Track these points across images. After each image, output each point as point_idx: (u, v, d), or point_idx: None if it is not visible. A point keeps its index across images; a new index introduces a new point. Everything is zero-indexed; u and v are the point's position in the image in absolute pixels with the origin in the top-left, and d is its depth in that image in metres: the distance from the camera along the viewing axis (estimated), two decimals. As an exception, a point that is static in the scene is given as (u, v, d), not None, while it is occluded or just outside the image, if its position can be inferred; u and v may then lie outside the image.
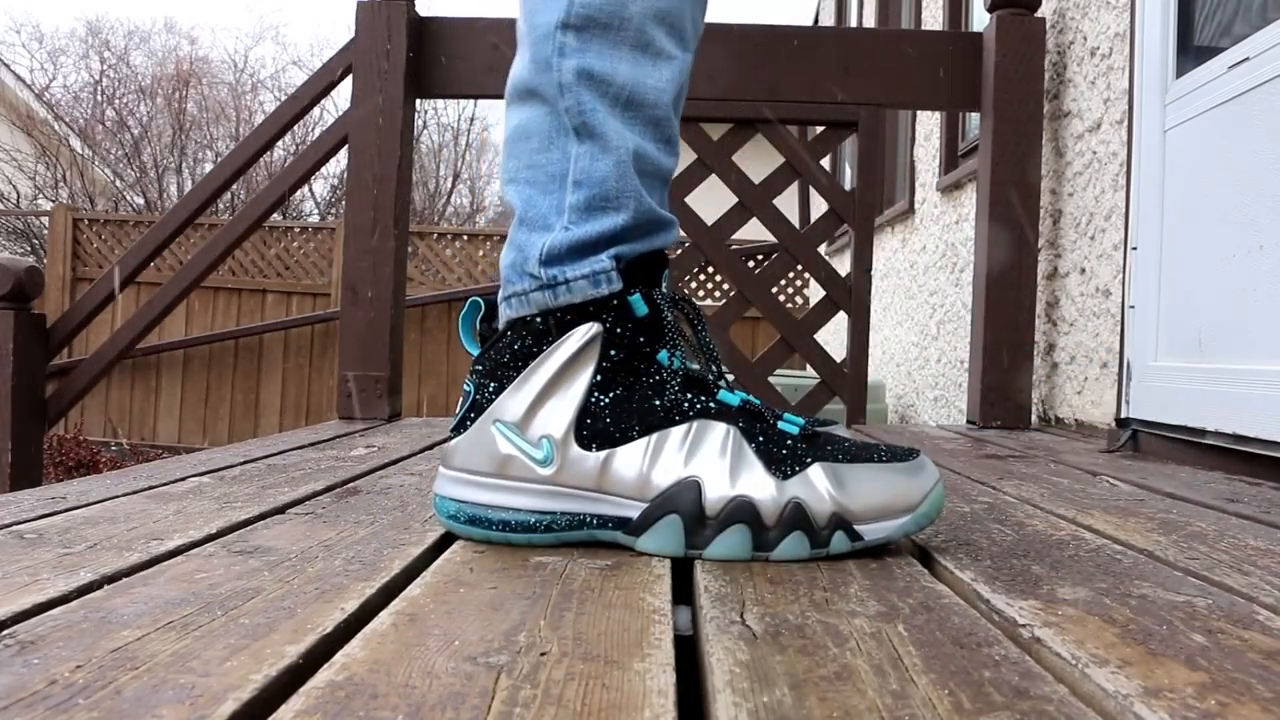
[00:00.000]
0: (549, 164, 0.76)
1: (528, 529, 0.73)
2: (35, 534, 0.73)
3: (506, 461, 0.74)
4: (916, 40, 2.37)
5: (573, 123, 0.75)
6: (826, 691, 0.43)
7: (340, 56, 2.14)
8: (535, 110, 0.77)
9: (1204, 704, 0.43)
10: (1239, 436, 1.32)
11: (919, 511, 0.72)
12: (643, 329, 0.74)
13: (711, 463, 0.71)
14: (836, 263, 4.88)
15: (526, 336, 0.75)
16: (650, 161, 0.77)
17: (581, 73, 0.74)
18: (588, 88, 0.74)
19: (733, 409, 0.74)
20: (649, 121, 0.76)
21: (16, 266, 2.05)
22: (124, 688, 0.42)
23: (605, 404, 0.73)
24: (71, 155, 9.61)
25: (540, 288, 0.74)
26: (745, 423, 0.73)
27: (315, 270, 6.34)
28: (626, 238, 0.75)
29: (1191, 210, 1.51)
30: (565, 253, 0.74)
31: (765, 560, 0.69)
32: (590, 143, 0.75)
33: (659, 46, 0.76)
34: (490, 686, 0.43)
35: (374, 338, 2.04)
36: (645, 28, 0.75)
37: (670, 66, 0.77)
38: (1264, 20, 1.38)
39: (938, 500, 0.73)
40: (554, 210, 0.76)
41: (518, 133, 0.78)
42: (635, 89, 0.75)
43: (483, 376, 0.75)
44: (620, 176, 0.75)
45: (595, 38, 0.74)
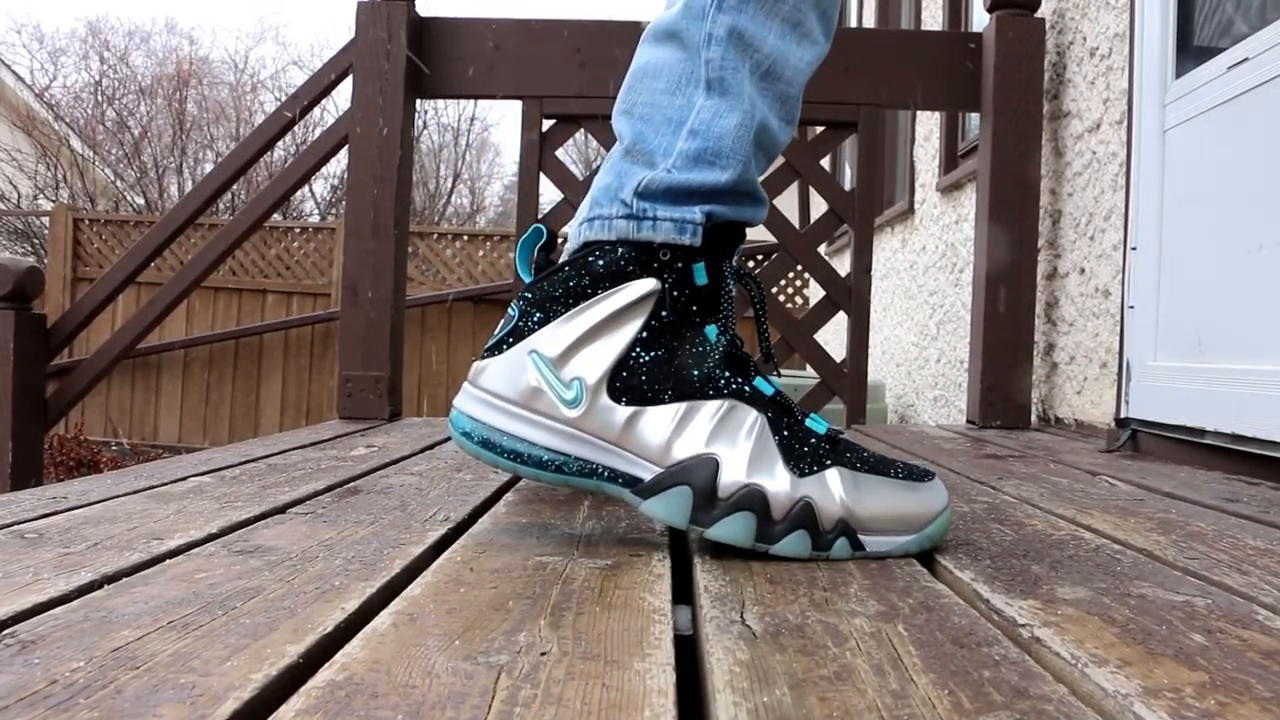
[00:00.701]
0: (670, 107, 0.76)
1: (538, 464, 0.73)
2: (36, 533, 0.73)
3: (534, 394, 0.74)
4: (916, 40, 2.37)
5: (709, 75, 0.75)
6: (826, 691, 0.43)
7: (340, 57, 2.14)
8: (672, 53, 0.77)
9: (1203, 703, 0.43)
10: (1238, 436, 1.32)
11: (924, 533, 0.73)
12: (699, 298, 0.74)
13: (734, 445, 0.71)
14: (836, 263, 4.88)
15: (584, 275, 0.74)
16: (770, 135, 0.78)
17: (734, 30, 0.75)
18: (735, 46, 0.75)
19: (766, 398, 0.74)
20: (779, 97, 0.78)
21: (17, 267, 2.05)
22: (125, 687, 0.42)
23: (644, 362, 0.73)
24: (72, 155, 9.61)
25: (627, 216, 0.74)
26: (774, 414, 0.73)
27: (315, 270, 6.34)
28: (723, 198, 0.75)
29: (1191, 211, 1.51)
30: (661, 192, 0.74)
31: (765, 553, 0.70)
32: (720, 99, 0.75)
33: (809, 27, 0.78)
34: (490, 686, 0.43)
35: (374, 338, 2.04)
36: (801, 6, 0.77)
37: (813, 50, 0.79)
38: (1263, 21, 1.38)
39: (944, 524, 0.74)
40: (662, 151, 0.76)
41: (646, 69, 0.79)
42: (778, 61, 0.76)
43: (530, 304, 0.75)
44: (738, 138, 0.75)
45: (754, 1, 0.75)
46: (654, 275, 0.73)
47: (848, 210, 2.20)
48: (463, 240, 6.46)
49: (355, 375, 2.04)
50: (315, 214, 11.26)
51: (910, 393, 3.65)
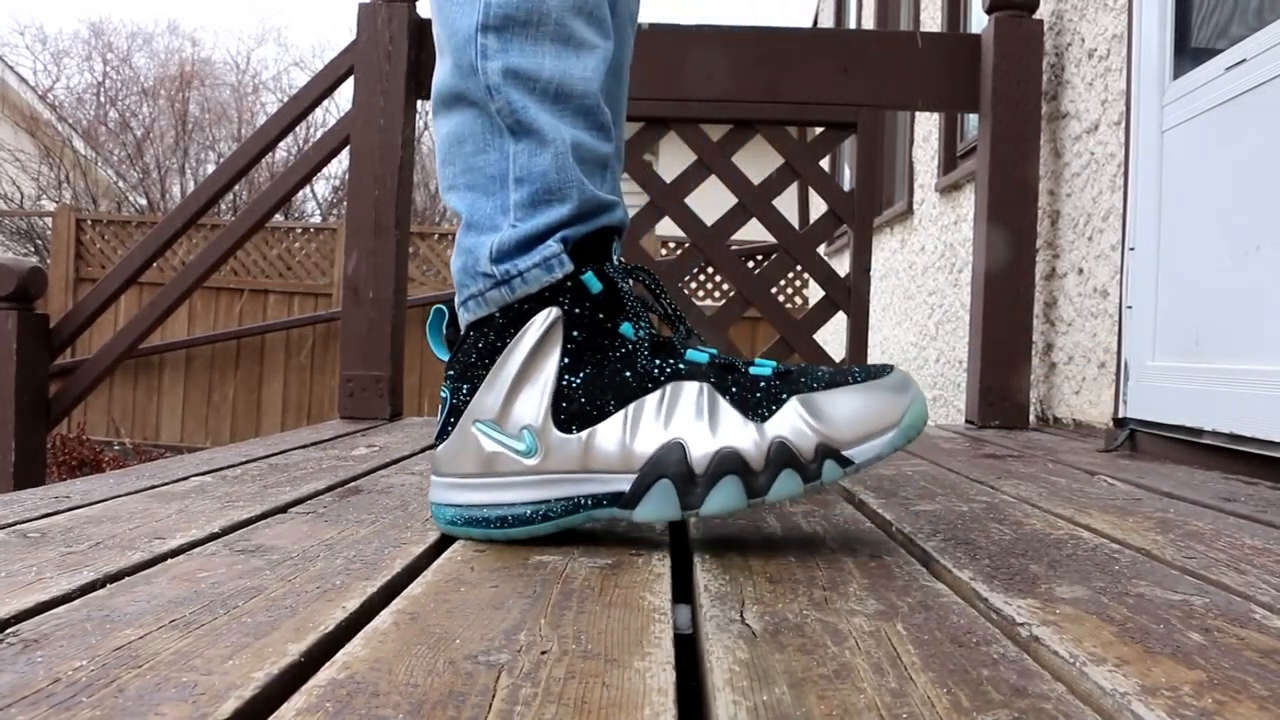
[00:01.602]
0: (487, 165, 0.77)
1: (525, 521, 0.74)
2: (39, 533, 0.73)
3: (492, 459, 0.74)
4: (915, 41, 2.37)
5: (506, 122, 0.76)
6: (825, 690, 0.44)
7: (342, 58, 2.14)
8: (465, 114, 0.78)
9: (1201, 702, 0.43)
10: (1236, 436, 1.32)
11: (903, 424, 0.71)
12: (601, 305, 0.75)
13: (690, 422, 0.72)
14: (836, 263, 4.88)
15: (489, 333, 0.75)
16: (587, 150, 0.78)
17: (507, 72, 0.75)
18: (515, 86, 0.75)
19: (702, 365, 0.74)
20: (580, 111, 0.77)
21: (20, 267, 2.06)
22: (126, 686, 0.42)
23: (578, 384, 0.74)
24: (75, 156, 9.62)
25: (495, 285, 0.75)
26: (716, 376, 0.74)
27: (317, 270, 6.34)
28: (573, 223, 0.76)
29: (1189, 211, 1.51)
30: (514, 248, 0.75)
31: (762, 504, 0.70)
32: (527, 139, 0.75)
33: (581, 37, 0.77)
34: (491, 685, 0.43)
35: (375, 338, 2.05)
36: (565, 20, 0.76)
37: (594, 55, 0.78)
38: (1261, 22, 1.38)
39: (920, 411, 0.73)
40: (499, 210, 0.77)
41: (451, 139, 0.79)
42: (563, 81, 0.76)
43: (456, 380, 0.76)
44: (560, 168, 0.76)
45: (516, 36, 0.75)
46: (550, 303, 0.74)
47: (847, 210, 2.20)
48: (463, 241, 6.45)
49: (356, 375, 2.04)
50: (316, 214, 11.27)
51: (910, 393, 3.65)
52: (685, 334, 0.79)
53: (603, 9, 0.78)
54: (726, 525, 0.82)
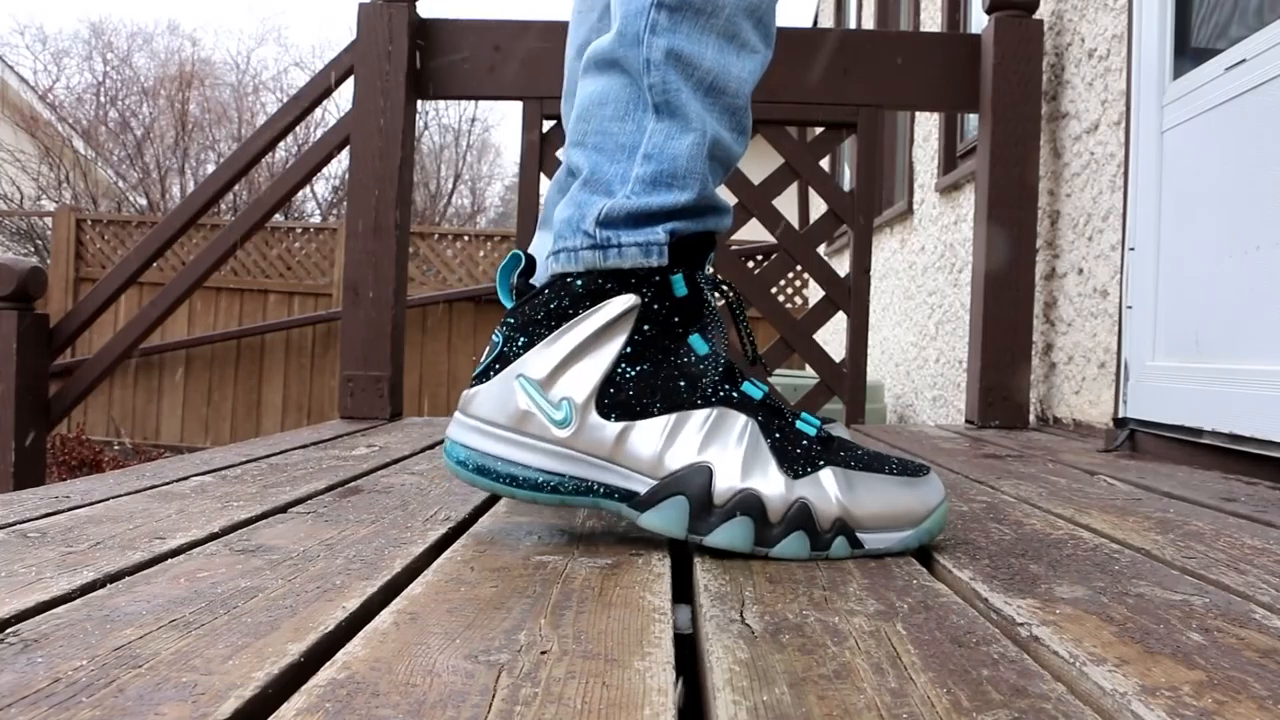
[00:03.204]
0: (621, 134, 0.77)
1: (534, 487, 0.74)
2: (39, 533, 0.73)
3: (524, 417, 0.74)
4: (915, 41, 2.37)
5: (655, 99, 0.76)
6: (825, 690, 0.44)
7: (342, 58, 2.14)
8: (615, 80, 0.78)
9: (1201, 702, 0.43)
10: (1236, 436, 1.32)
11: (921, 528, 0.73)
12: (679, 309, 0.75)
13: (726, 452, 0.72)
14: (836, 263, 4.88)
15: (564, 297, 0.75)
16: (724, 148, 0.79)
17: (670, 52, 0.75)
18: (674, 67, 0.75)
19: (755, 402, 0.74)
20: (728, 109, 0.78)
21: (20, 267, 2.06)
22: (126, 686, 0.42)
23: (631, 376, 0.74)
24: (75, 156, 9.62)
25: (592, 246, 0.75)
26: (764, 417, 0.74)
27: (317, 270, 6.34)
28: (685, 216, 0.76)
29: (1188, 211, 1.51)
30: (623, 219, 0.75)
31: (765, 557, 0.70)
32: (670, 121, 0.76)
33: (745, 38, 0.78)
34: (491, 685, 0.43)
35: (375, 338, 2.05)
36: (735, 18, 0.77)
37: (754, 60, 0.79)
38: (1261, 22, 1.38)
39: (941, 518, 0.74)
40: (619, 178, 0.77)
41: (594, 98, 0.79)
42: (720, 76, 0.77)
43: (513, 329, 0.76)
44: (692, 158, 0.76)
45: (687, 20, 0.75)
46: (633, 291, 0.74)
47: (847, 211, 2.20)
48: (463, 240, 6.46)
49: (356, 375, 2.04)
50: (316, 214, 11.27)
51: (909, 393, 3.65)
52: (750, 361, 0.79)
53: (771, 15, 0.79)
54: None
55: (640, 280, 0.74)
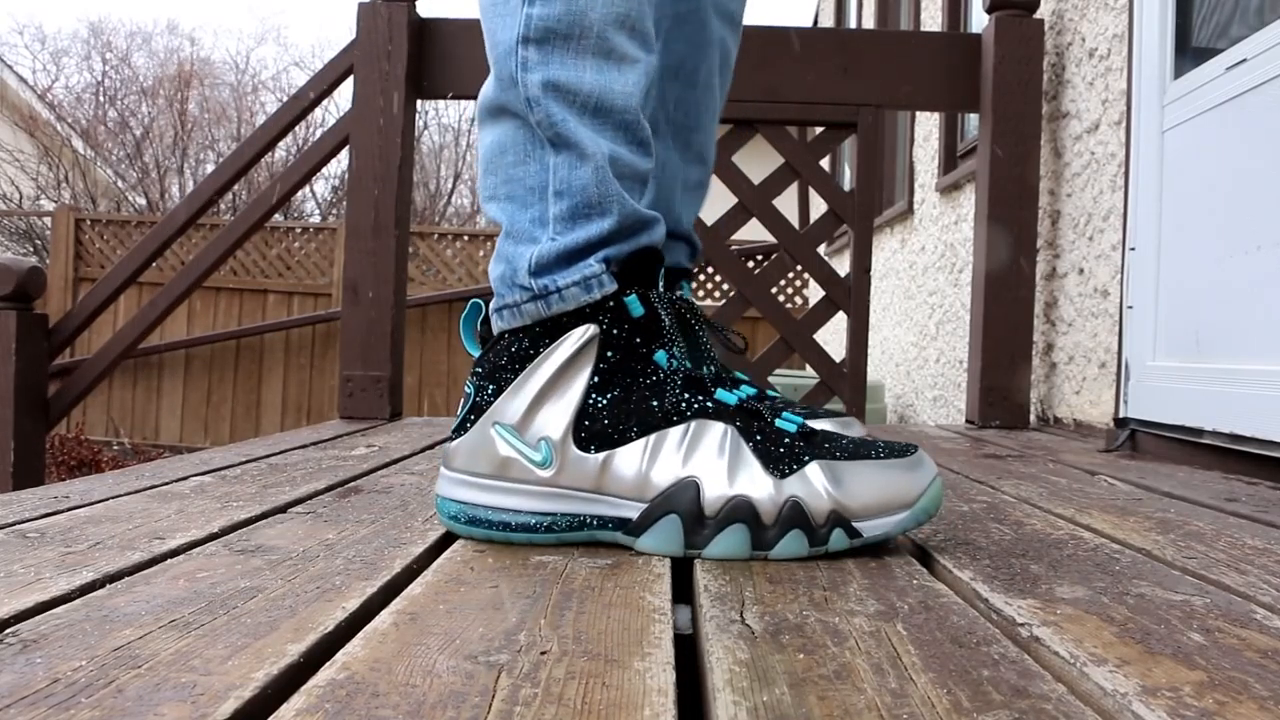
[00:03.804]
0: (527, 177, 0.77)
1: (528, 529, 0.74)
2: (38, 533, 0.73)
3: (506, 463, 0.74)
4: (915, 41, 2.37)
5: (546, 135, 0.75)
6: (826, 690, 0.44)
7: (342, 57, 2.14)
8: (507, 126, 0.78)
9: (1201, 702, 0.43)
10: (1236, 436, 1.32)
11: (917, 507, 0.72)
12: (639, 329, 0.75)
13: (710, 462, 0.71)
14: (836, 263, 4.88)
15: (523, 339, 0.75)
16: (626, 165, 0.77)
17: (547, 84, 0.74)
18: (555, 99, 0.74)
19: (730, 408, 0.74)
20: (619, 126, 0.76)
21: (19, 267, 2.06)
22: (126, 686, 0.42)
23: (603, 405, 0.73)
24: (74, 156, 9.61)
25: (532, 299, 0.75)
26: (743, 421, 0.73)
27: (316, 270, 6.34)
28: (613, 240, 0.76)
29: (1189, 211, 1.51)
30: (553, 261, 0.74)
31: (764, 559, 0.70)
32: (566, 152, 0.75)
33: (622, 51, 0.76)
34: (491, 685, 0.43)
35: (375, 338, 2.05)
36: (607, 34, 0.75)
37: (635, 70, 0.77)
38: (1262, 22, 1.38)
39: (936, 495, 0.74)
40: (537, 222, 0.76)
41: (493, 149, 0.79)
42: (602, 95, 0.75)
43: (482, 379, 0.76)
44: (600, 182, 0.75)
45: (557, 49, 0.74)
46: (588, 320, 0.74)
47: (847, 210, 2.20)
48: (463, 240, 6.46)
49: (356, 375, 2.04)
50: (316, 214, 11.27)
51: (909, 393, 3.65)
52: (716, 374, 0.79)
53: (645, 23, 0.78)
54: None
55: (594, 308, 0.74)
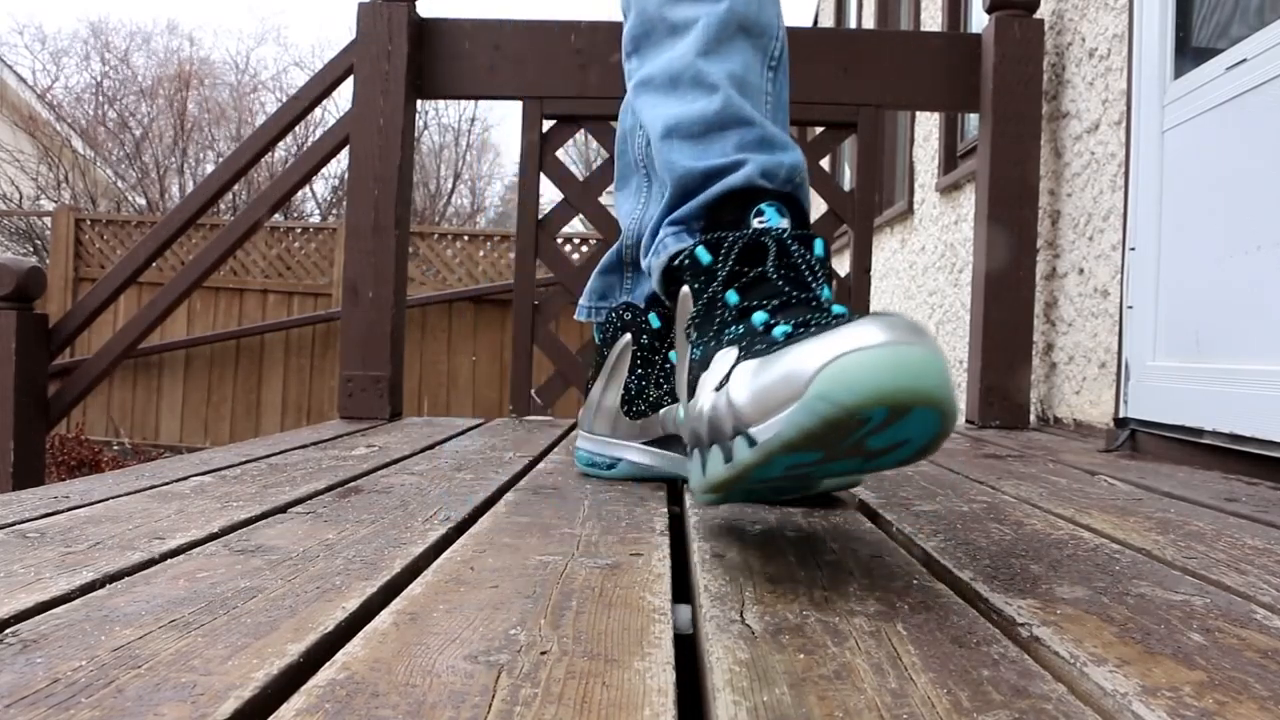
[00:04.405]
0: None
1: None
2: (38, 533, 0.73)
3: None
4: (916, 41, 2.37)
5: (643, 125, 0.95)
6: (826, 690, 0.44)
7: (342, 57, 2.14)
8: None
9: (1202, 702, 0.43)
10: (1236, 436, 1.32)
11: (808, 396, 0.51)
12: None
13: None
14: (836, 263, 4.88)
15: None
16: (689, 124, 0.81)
17: (638, 84, 0.85)
18: (640, 91, 0.85)
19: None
20: (686, 84, 0.80)
21: (19, 267, 2.06)
22: (126, 686, 0.42)
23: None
24: (74, 156, 9.61)
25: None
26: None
27: (316, 270, 6.34)
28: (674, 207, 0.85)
29: (1189, 211, 1.51)
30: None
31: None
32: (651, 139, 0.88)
33: (684, 18, 0.80)
34: (491, 685, 0.43)
35: (375, 338, 2.05)
36: (664, 13, 0.79)
37: (694, 29, 0.80)
38: (1262, 22, 1.38)
39: (840, 378, 0.50)
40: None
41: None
42: (667, 69, 0.81)
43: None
44: (656, 156, 0.85)
45: (641, 51, 0.84)
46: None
47: (847, 210, 2.20)
48: (463, 240, 6.45)
49: (356, 375, 2.04)
50: (316, 214, 11.26)
51: (910, 393, 3.65)
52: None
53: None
54: (727, 524, 0.82)
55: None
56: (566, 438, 1.58)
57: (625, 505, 0.91)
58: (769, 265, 0.68)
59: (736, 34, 0.79)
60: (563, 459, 1.28)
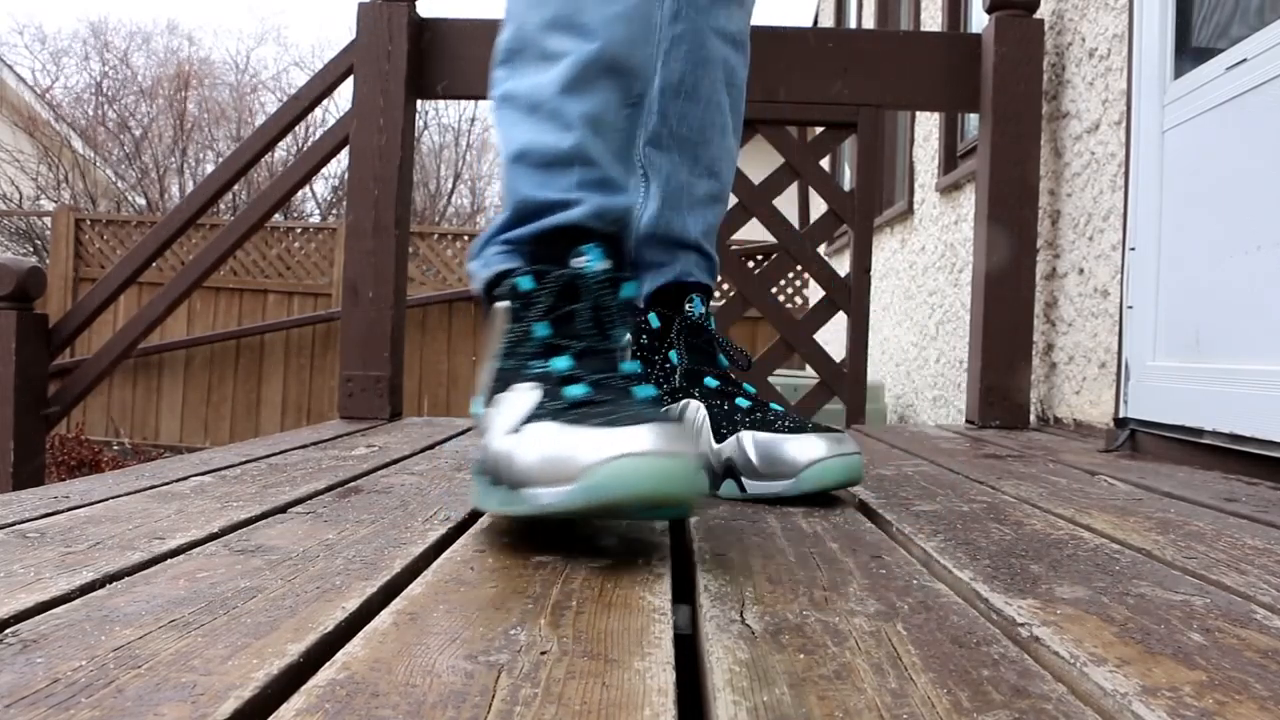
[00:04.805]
0: None
1: None
2: (38, 533, 0.73)
3: None
4: (916, 41, 2.37)
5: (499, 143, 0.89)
6: (826, 690, 0.44)
7: (342, 57, 2.14)
8: None
9: (1202, 702, 0.43)
10: (1236, 436, 1.32)
11: (581, 484, 0.60)
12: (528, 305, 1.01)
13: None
14: (836, 263, 4.88)
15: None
16: (540, 152, 0.84)
17: (501, 98, 0.86)
18: (503, 107, 0.86)
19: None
20: (543, 115, 0.83)
21: (19, 267, 2.06)
22: (126, 686, 0.42)
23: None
24: (73, 156, 9.61)
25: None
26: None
27: (316, 270, 6.34)
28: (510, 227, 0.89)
29: (1189, 211, 1.51)
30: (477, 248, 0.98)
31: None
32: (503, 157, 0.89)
33: (556, 49, 0.82)
34: (491, 685, 0.43)
35: (375, 338, 2.05)
36: (540, 39, 0.82)
37: (563, 62, 0.82)
38: (1262, 22, 1.38)
39: (615, 477, 0.59)
40: None
41: None
42: (532, 94, 0.83)
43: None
44: (508, 178, 0.87)
45: (511, 64, 0.85)
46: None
47: (847, 210, 2.20)
48: (464, 240, 6.45)
49: (356, 375, 2.04)
50: (316, 214, 11.26)
51: (910, 393, 3.65)
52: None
53: (580, 17, 0.82)
54: (726, 524, 0.82)
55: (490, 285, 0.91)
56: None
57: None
58: (579, 306, 0.78)
59: (602, 74, 0.83)
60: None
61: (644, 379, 0.80)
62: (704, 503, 0.72)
